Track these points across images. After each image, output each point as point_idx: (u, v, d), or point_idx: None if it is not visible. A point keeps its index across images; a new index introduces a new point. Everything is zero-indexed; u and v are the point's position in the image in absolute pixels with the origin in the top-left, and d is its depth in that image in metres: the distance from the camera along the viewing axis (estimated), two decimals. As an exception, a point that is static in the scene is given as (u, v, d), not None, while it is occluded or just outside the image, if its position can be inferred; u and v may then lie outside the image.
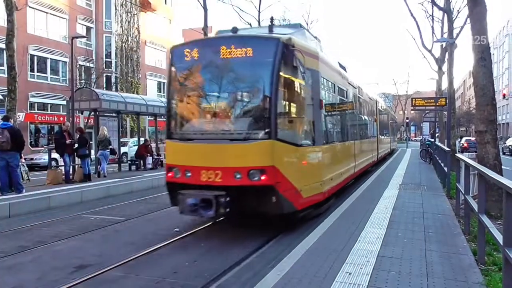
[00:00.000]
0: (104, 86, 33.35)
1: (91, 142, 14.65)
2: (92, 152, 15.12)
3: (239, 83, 6.90)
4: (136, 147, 19.25)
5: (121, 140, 18.79)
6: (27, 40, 27.44)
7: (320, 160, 7.74)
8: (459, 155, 9.01)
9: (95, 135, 15.36)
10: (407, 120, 55.53)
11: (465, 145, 31.40)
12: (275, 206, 6.25)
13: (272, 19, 7.77)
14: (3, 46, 15.28)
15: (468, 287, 3.94)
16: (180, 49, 7.12)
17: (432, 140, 23.07)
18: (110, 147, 14.69)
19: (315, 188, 7.35)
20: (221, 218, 7.72)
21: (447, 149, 12.62)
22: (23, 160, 12.30)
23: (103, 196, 10.97)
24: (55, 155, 14.44)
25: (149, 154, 17.52)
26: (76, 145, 12.69)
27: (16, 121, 13.35)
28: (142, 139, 19.83)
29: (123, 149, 19.89)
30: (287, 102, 6.83)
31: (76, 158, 13.11)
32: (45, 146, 24.98)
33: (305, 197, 6.91)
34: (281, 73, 6.41)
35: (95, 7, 35.29)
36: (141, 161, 17.33)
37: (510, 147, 31.43)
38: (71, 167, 12.79)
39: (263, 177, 6.10)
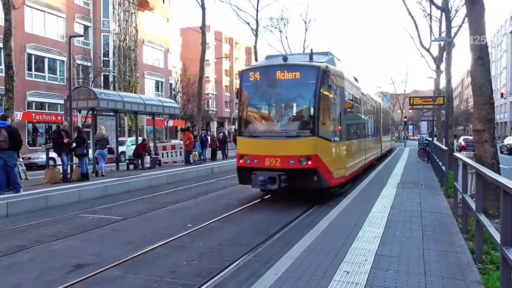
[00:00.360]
0: (102, 85, 33.25)
1: (89, 141, 14.61)
2: (90, 151, 15.09)
3: (290, 97, 9.55)
4: (134, 146, 19.18)
5: (119, 139, 18.74)
6: (24, 39, 27.34)
7: (344, 152, 10.33)
8: (457, 154, 9.01)
9: (93, 134, 15.32)
10: (405, 119, 55.63)
11: (463, 144, 31.40)
12: (316, 183, 8.81)
13: (311, 50, 10.34)
14: (1, 45, 15.26)
15: (466, 285, 3.94)
16: (247, 72, 9.88)
17: (430, 139, 23.08)
18: (108, 146, 14.64)
19: (341, 173, 9.86)
20: (220, 217, 7.91)
21: (445, 148, 12.66)
22: (21, 160, 12.20)
23: (101, 196, 10.94)
24: (53, 154, 14.41)
25: (147, 154, 17.49)
26: (74, 144, 12.66)
27: (14, 120, 13.31)
28: (140, 138, 19.79)
29: (121, 148, 19.86)
30: (324, 110, 9.19)
31: (74, 157, 13.07)
32: (43, 145, 24.97)
33: (335, 178, 9.46)
34: (320, 90, 8.95)
35: (92, 6, 35.18)
36: (139, 161, 17.31)
37: (508, 146, 31.45)
38: (69, 166, 12.77)
39: (309, 162, 8.72)
